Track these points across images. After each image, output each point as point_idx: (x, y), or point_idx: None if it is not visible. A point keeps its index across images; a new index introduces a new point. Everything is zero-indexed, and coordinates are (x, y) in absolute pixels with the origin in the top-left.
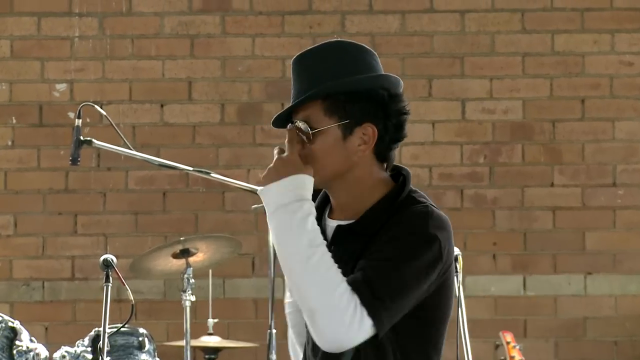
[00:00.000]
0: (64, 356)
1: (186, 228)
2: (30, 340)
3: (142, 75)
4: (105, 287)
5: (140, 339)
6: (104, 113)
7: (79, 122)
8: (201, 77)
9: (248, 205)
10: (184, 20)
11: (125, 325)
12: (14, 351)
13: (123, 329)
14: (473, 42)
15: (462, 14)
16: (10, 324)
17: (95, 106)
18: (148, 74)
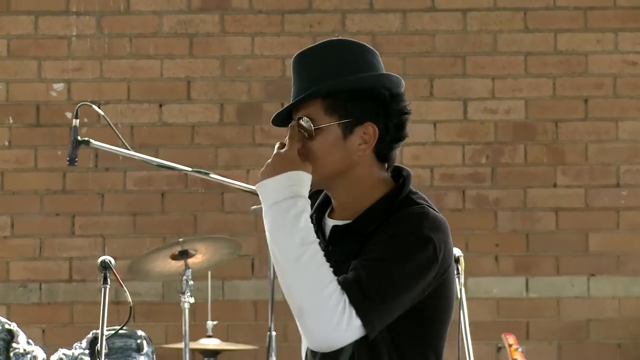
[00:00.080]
0: (61, 359)
1: (185, 229)
2: (28, 342)
3: (141, 75)
4: (103, 289)
5: (138, 341)
6: (102, 113)
7: (76, 122)
8: (200, 77)
9: (247, 206)
10: (183, 19)
11: (123, 328)
12: (11, 354)
13: (121, 331)
14: (475, 41)
15: (464, 13)
16: (7, 326)
17: (93, 106)
18: (146, 74)
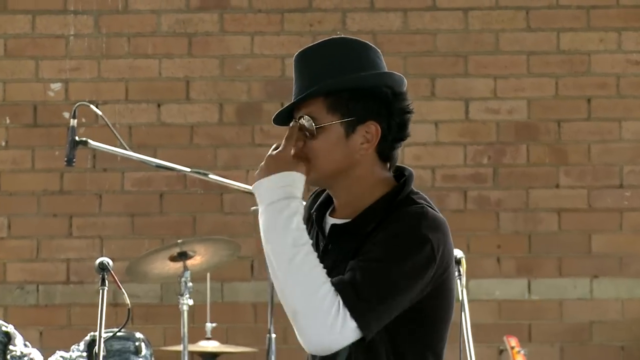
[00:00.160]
0: None
1: (184, 230)
2: (25, 345)
3: (139, 75)
4: (101, 291)
5: (136, 343)
6: (100, 113)
7: (74, 122)
8: (199, 76)
9: (247, 207)
10: (182, 18)
11: (122, 330)
12: (8, 356)
13: (119, 334)
14: (477, 41)
15: (466, 12)
16: (4, 328)
17: (91, 106)
18: (145, 73)
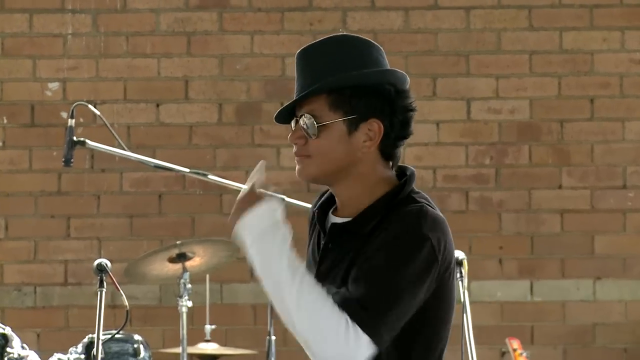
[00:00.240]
0: None
1: (182, 231)
2: (22, 347)
3: (137, 74)
4: (99, 293)
5: (135, 345)
6: (98, 113)
7: (72, 122)
8: (198, 76)
9: None
10: (180, 17)
11: (120, 332)
12: (5, 358)
13: (117, 336)
14: (478, 40)
15: (467, 11)
16: (1, 330)
17: (89, 106)
18: (143, 73)
